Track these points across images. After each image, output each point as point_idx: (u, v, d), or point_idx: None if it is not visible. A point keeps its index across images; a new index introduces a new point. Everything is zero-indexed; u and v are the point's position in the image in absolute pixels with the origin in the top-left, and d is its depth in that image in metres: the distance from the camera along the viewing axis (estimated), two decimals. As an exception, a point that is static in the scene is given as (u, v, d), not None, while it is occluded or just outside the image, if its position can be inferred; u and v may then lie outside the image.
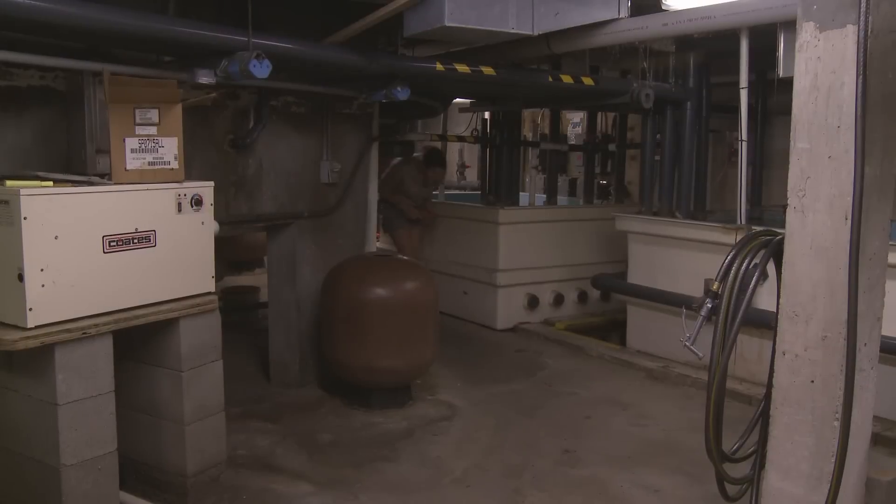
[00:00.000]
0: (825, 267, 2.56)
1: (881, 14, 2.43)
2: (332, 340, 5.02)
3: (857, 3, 2.25)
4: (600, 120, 8.90)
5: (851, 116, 2.42)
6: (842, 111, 2.50)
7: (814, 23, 2.57)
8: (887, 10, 2.45)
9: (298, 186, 5.25)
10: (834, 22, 2.50)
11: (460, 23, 4.36)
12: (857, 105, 2.37)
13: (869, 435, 2.79)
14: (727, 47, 5.51)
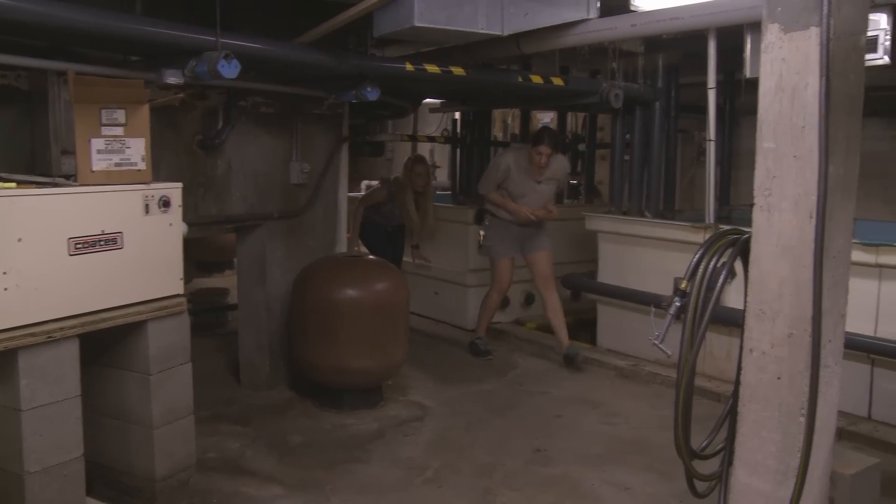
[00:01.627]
0: (791, 265, 2.59)
1: (842, 17, 2.47)
2: (303, 342, 4.99)
3: (820, 5, 2.28)
4: (570, 120, 8.94)
5: (816, 117, 2.45)
6: (806, 111, 2.52)
7: (778, 24, 2.60)
8: (848, 13, 2.49)
9: (268, 187, 5.22)
10: (798, 24, 2.52)
11: (430, 23, 4.36)
12: (820, 106, 2.41)
13: (834, 430, 2.83)
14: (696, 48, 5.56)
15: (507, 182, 6.14)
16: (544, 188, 6.18)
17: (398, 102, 6.15)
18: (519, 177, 6.10)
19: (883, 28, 4.41)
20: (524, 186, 6.10)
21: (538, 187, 6.15)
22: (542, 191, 6.18)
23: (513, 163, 6.11)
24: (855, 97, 2.63)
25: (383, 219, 6.93)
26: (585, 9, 5.14)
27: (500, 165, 6.19)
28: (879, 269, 4.69)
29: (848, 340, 2.98)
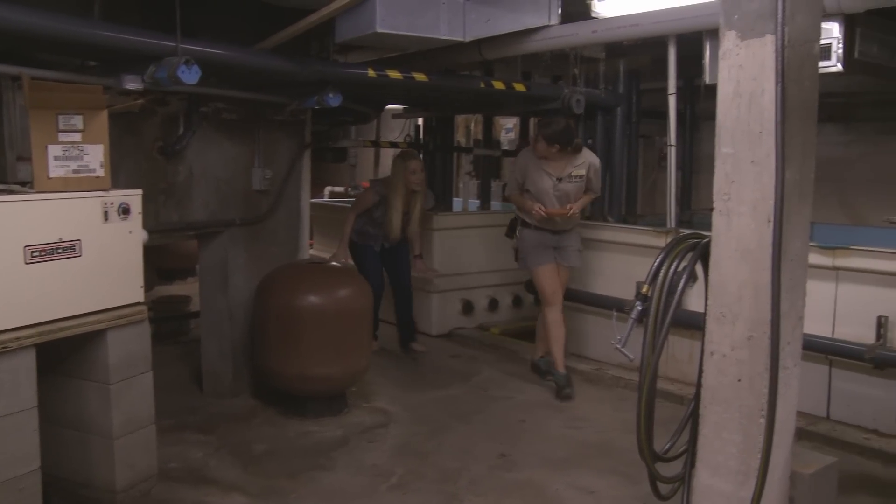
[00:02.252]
0: (750, 268, 2.62)
1: (797, 25, 2.51)
2: (266, 349, 4.96)
3: (775, 14, 2.32)
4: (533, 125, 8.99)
5: (772, 122, 2.49)
6: (763, 117, 2.57)
7: (735, 32, 2.64)
8: (802, 21, 2.54)
9: (230, 194, 5.18)
10: (754, 31, 2.57)
11: (392, 29, 4.37)
12: (777, 111, 2.44)
13: (793, 430, 2.87)
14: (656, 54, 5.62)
15: (526, 181, 5.60)
16: (567, 187, 5.53)
17: (361, 108, 6.15)
18: (536, 175, 5.54)
19: (836, 37, 4.49)
20: (543, 184, 5.52)
21: (560, 186, 5.52)
22: (565, 190, 5.53)
23: (530, 158, 5.61)
24: (810, 103, 2.68)
25: (377, 228, 6.31)
26: (547, 15, 5.18)
27: (517, 164, 5.75)
28: (836, 272, 4.77)
29: (806, 342, 3.03)
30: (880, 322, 4.52)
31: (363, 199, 6.37)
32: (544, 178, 5.52)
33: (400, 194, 6.14)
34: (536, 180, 5.54)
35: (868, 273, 4.63)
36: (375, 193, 6.24)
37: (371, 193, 6.28)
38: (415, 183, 6.15)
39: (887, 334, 4.50)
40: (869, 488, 4.09)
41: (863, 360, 4.54)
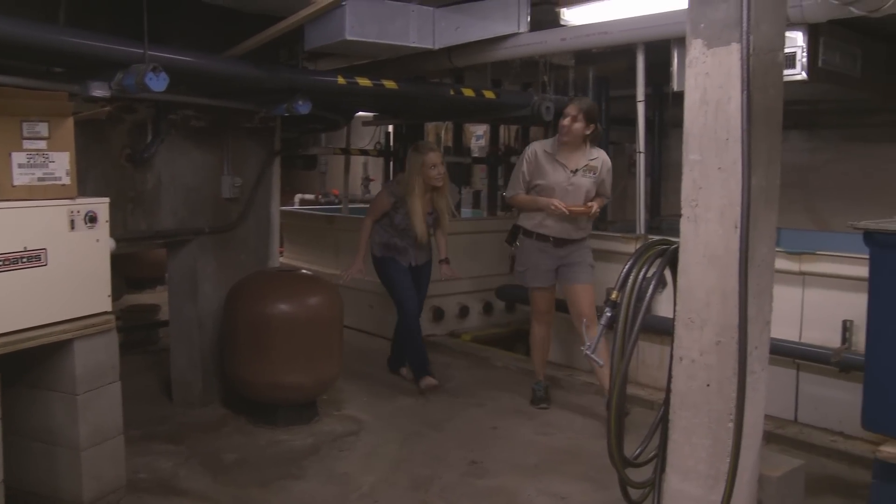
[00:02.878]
0: (717, 274, 2.65)
1: (761, 34, 2.55)
2: (236, 357, 4.92)
3: (740, 23, 2.35)
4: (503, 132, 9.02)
5: (739, 129, 2.52)
6: (730, 124, 2.60)
7: (702, 40, 2.67)
8: (766, 30, 2.58)
9: (199, 202, 5.14)
10: (720, 40, 2.60)
11: (361, 37, 4.37)
12: (742, 119, 2.48)
13: (761, 434, 2.90)
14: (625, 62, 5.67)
15: (535, 176, 5.10)
16: (582, 181, 5.07)
17: (330, 116, 6.12)
18: (548, 166, 5.07)
19: (800, 45, 4.57)
20: (556, 177, 5.05)
21: (574, 179, 5.06)
22: (578, 184, 5.07)
23: (539, 149, 5.13)
24: (775, 110, 2.72)
25: (404, 238, 5.69)
26: (516, 23, 5.20)
27: (524, 156, 5.19)
28: (803, 277, 4.83)
29: (774, 346, 3.06)
30: (846, 326, 4.58)
31: (377, 203, 5.81)
32: (558, 170, 5.06)
33: (419, 195, 5.53)
34: (549, 172, 5.07)
35: (834, 278, 4.69)
36: (389, 195, 5.69)
37: (385, 196, 5.75)
38: (435, 178, 5.54)
39: (852, 338, 4.56)
40: (835, 490, 4.14)
41: (829, 364, 4.59)
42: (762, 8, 2.57)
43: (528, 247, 5.20)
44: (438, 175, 5.53)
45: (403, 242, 5.71)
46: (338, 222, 8.28)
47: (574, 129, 4.98)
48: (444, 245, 5.97)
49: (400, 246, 5.73)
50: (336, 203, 10.33)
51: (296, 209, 9.94)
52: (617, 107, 6.82)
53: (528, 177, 5.14)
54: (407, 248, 5.74)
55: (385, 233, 5.73)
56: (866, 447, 4.14)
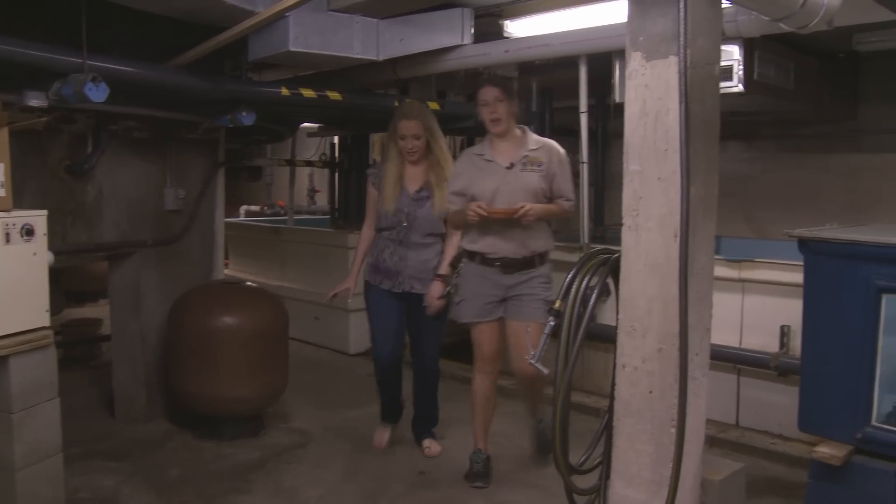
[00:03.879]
0: (658, 282, 2.69)
1: (698, 48, 2.61)
2: (180, 371, 4.85)
3: (677, 36, 2.40)
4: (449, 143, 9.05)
5: (677, 140, 2.56)
6: (668, 135, 2.65)
7: (641, 53, 2.72)
8: (703, 44, 2.64)
9: (141, 214, 5.07)
10: (658, 53, 2.65)
11: (305, 48, 4.37)
12: (681, 130, 2.52)
13: (703, 439, 2.95)
14: (568, 73, 5.74)
15: (470, 182, 4.16)
16: (523, 178, 4.08)
17: (275, 127, 6.09)
18: (483, 164, 4.16)
19: (737, 59, 4.69)
20: (491, 177, 4.11)
21: (512, 175, 4.09)
22: (518, 182, 4.08)
23: (468, 154, 4.33)
24: (712, 122, 2.78)
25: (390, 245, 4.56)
26: (460, 35, 5.24)
27: (455, 169, 4.34)
28: (742, 284, 4.94)
29: (715, 352, 3.12)
30: (783, 331, 4.70)
31: (367, 200, 4.71)
32: (490, 171, 4.13)
33: (393, 160, 4.53)
34: (485, 170, 4.14)
35: (771, 284, 4.80)
36: (373, 180, 4.64)
37: (369, 185, 4.67)
38: (407, 151, 4.46)
39: (790, 342, 4.68)
40: (775, 490, 4.24)
41: (768, 368, 4.71)
42: (699, 22, 2.63)
43: (468, 272, 4.25)
44: (412, 149, 4.44)
45: (394, 258, 4.52)
46: (283, 234, 8.23)
47: (501, 111, 4.08)
48: (449, 252, 4.50)
49: (388, 264, 4.54)
50: (282, 214, 10.25)
51: (241, 221, 9.84)
52: (560, 117, 6.90)
53: (463, 183, 4.19)
54: (398, 265, 4.51)
55: (377, 247, 4.62)
56: (804, 448, 4.24)
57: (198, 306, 4.87)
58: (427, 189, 4.50)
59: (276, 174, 11.50)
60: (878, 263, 3.08)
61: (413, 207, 4.49)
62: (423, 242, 4.52)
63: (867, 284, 3.10)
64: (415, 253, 4.51)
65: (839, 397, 3.20)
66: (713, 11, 2.74)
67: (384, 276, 4.56)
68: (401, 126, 4.43)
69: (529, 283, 4.14)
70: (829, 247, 3.23)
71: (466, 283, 4.26)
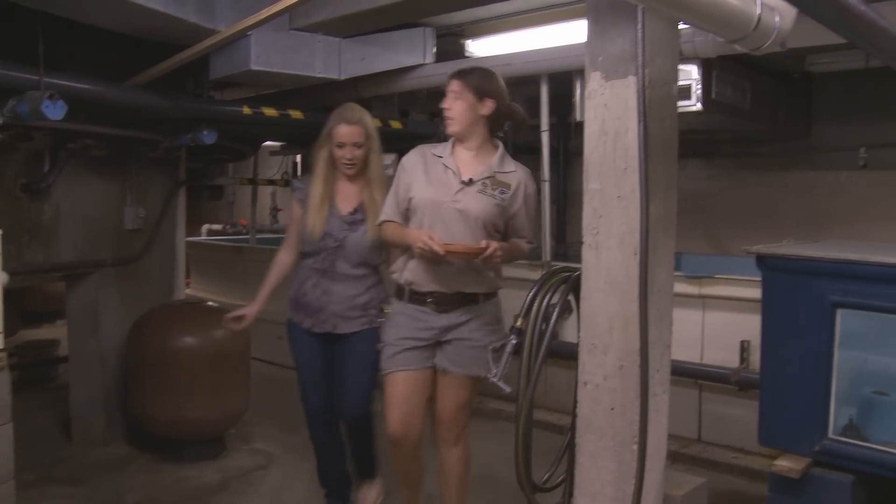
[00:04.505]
0: (619, 300, 2.72)
1: (656, 67, 2.65)
2: (140, 393, 4.78)
3: (636, 56, 2.44)
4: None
5: (636, 159, 2.59)
6: (628, 154, 2.68)
7: (600, 72, 2.76)
8: (661, 64, 2.68)
9: (100, 233, 5.01)
10: (617, 73, 2.69)
11: (266, 67, 4.37)
12: (640, 149, 2.55)
13: (665, 454, 2.97)
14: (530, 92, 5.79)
15: (414, 196, 3.28)
16: (478, 200, 3.22)
17: (237, 146, 6.06)
18: (431, 171, 3.29)
19: (695, 78, 4.77)
20: (440, 188, 3.24)
21: (465, 195, 3.22)
22: (470, 204, 3.21)
23: (425, 151, 3.38)
24: (670, 140, 2.82)
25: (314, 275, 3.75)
26: (422, 54, 5.26)
27: (400, 169, 3.42)
28: (703, 300, 5.00)
29: (677, 368, 3.16)
30: (743, 346, 4.76)
31: (291, 216, 3.92)
32: (443, 178, 3.26)
33: (321, 174, 3.73)
34: (427, 181, 3.27)
35: (731, 300, 4.87)
36: (298, 196, 3.82)
37: (294, 202, 3.87)
38: (343, 162, 3.69)
39: (750, 357, 4.74)
40: (737, 505, 4.29)
41: (729, 383, 4.75)
42: (657, 43, 2.67)
43: (394, 311, 3.43)
44: (352, 160, 3.67)
45: (316, 291, 3.73)
46: (245, 253, 8.16)
47: (456, 109, 3.27)
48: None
49: (310, 298, 3.75)
50: (244, 233, 10.19)
51: (202, 240, 9.75)
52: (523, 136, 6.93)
53: (402, 191, 3.34)
54: (320, 300, 3.72)
55: (299, 278, 3.85)
56: (765, 462, 4.29)
57: (158, 326, 4.81)
58: (361, 211, 3.70)
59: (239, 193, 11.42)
60: (832, 279, 3.15)
61: (343, 232, 3.67)
62: (351, 274, 3.69)
63: (822, 299, 3.16)
64: (341, 286, 3.68)
65: (797, 411, 3.25)
66: (671, 32, 2.79)
67: (305, 313, 3.77)
68: (339, 132, 3.67)
69: (469, 326, 3.31)
70: (785, 263, 3.29)
71: (391, 325, 3.43)
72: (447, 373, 3.37)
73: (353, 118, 3.71)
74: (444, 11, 4.84)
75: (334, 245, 3.67)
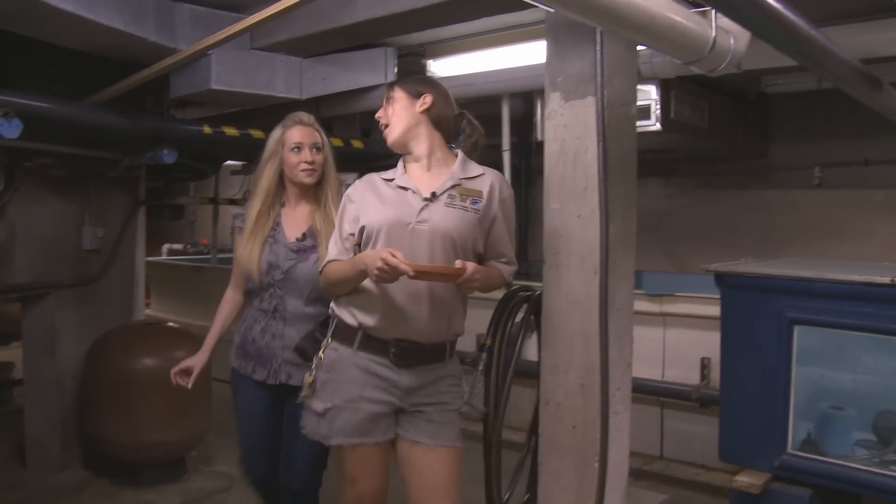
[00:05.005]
0: (580, 319, 2.74)
1: (615, 88, 2.69)
2: (98, 416, 4.69)
3: (594, 77, 2.47)
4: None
5: (596, 178, 2.63)
6: (587, 174, 2.71)
7: (560, 93, 2.79)
8: (619, 85, 2.72)
9: (58, 253, 4.92)
10: (576, 93, 2.73)
11: (227, 86, 4.35)
12: (599, 168, 2.59)
13: (626, 472, 2.99)
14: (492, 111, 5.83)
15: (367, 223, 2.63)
16: (447, 216, 2.59)
17: (197, 165, 6.02)
18: (390, 191, 2.68)
19: (654, 98, 4.84)
20: (402, 213, 2.61)
21: (429, 211, 2.60)
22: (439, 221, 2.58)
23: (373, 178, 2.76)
24: (630, 160, 2.86)
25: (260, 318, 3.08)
26: (383, 74, 5.26)
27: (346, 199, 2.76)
28: (664, 318, 5.04)
29: (638, 386, 3.19)
30: (704, 363, 4.81)
31: (234, 249, 3.20)
32: (405, 197, 2.64)
33: (262, 194, 3.09)
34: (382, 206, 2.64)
35: (691, 318, 4.91)
36: (241, 222, 3.16)
37: (236, 233, 3.19)
38: (300, 171, 3.03)
39: (710, 374, 4.78)
40: (699, 522, 4.31)
41: (690, 400, 4.80)
42: (615, 64, 2.72)
43: (341, 361, 2.65)
44: (312, 165, 3.04)
45: (265, 336, 3.05)
46: (206, 273, 8.08)
47: (390, 112, 2.79)
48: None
49: (259, 345, 3.07)
50: (205, 253, 10.09)
51: (163, 260, 9.65)
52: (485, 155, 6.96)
53: (348, 225, 2.69)
54: (271, 345, 3.04)
55: (245, 321, 3.19)
56: (726, 478, 4.30)
57: (117, 348, 4.74)
58: (312, 236, 3.06)
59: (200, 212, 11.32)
60: (789, 296, 3.20)
61: (289, 261, 3.02)
62: (305, 313, 3.01)
63: (780, 316, 3.21)
64: (294, 329, 2.99)
65: (757, 427, 3.29)
66: (629, 53, 2.83)
67: (256, 362, 3.08)
68: (293, 134, 3.06)
69: (437, 387, 2.67)
70: (743, 280, 3.34)
71: (338, 379, 2.64)
72: (418, 445, 2.65)
73: (308, 119, 3.16)
74: (405, 32, 4.85)
75: (280, 278, 3.00)
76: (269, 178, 3.07)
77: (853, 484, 3.09)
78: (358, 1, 3.99)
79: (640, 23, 2.06)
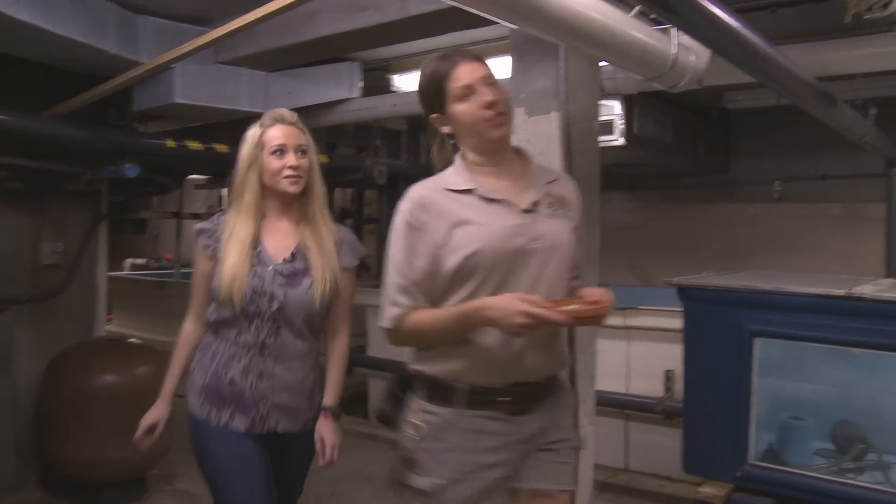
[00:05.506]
0: (544, 332, 2.75)
1: (578, 104, 2.72)
2: (56, 435, 4.60)
3: (558, 93, 2.50)
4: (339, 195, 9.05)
5: (559, 193, 2.64)
6: (551, 189, 2.72)
7: (524, 108, 2.81)
8: (582, 101, 2.75)
9: (14, 269, 4.84)
10: (540, 108, 2.75)
11: (191, 100, 4.32)
12: (563, 183, 2.60)
13: (591, 485, 3.00)
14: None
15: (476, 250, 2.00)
16: (562, 227, 2.15)
17: (161, 179, 5.96)
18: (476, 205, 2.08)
19: (618, 113, 4.89)
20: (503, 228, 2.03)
21: (538, 225, 2.09)
22: (559, 235, 2.12)
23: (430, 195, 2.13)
24: (593, 174, 2.89)
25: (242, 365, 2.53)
26: (348, 88, 5.26)
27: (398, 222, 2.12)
28: (628, 331, 5.07)
29: (603, 399, 3.20)
30: (668, 375, 4.84)
31: (194, 274, 2.67)
32: (499, 211, 2.07)
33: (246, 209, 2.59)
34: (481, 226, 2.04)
35: (655, 331, 4.95)
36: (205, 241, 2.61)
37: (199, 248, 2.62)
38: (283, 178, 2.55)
39: (674, 386, 4.82)
40: (664, 534, 4.33)
41: (654, 413, 4.83)
42: (578, 80, 2.74)
43: (445, 426, 2.10)
44: (297, 171, 2.57)
45: (249, 376, 2.53)
46: (169, 288, 8.01)
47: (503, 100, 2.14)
48: (338, 367, 2.69)
49: (240, 387, 2.54)
50: (168, 268, 10.00)
51: (125, 274, 9.55)
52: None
53: (425, 261, 2.06)
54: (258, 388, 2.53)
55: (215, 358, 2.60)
56: (690, 489, 4.34)
57: (77, 364, 4.66)
58: (302, 257, 2.60)
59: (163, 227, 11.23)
60: (750, 309, 3.24)
61: (281, 288, 2.54)
62: (296, 349, 2.58)
63: (741, 329, 3.25)
64: (285, 367, 2.56)
65: (719, 438, 3.32)
66: (591, 70, 2.87)
67: (236, 408, 2.55)
68: (274, 134, 2.58)
69: (559, 421, 2.21)
70: (705, 294, 3.38)
71: (444, 448, 2.09)
72: (542, 495, 2.14)
73: (290, 117, 2.64)
74: (370, 47, 4.87)
75: (275, 308, 2.51)
76: (253, 189, 2.58)
77: (813, 493, 3.13)
78: (323, 16, 3.99)
79: (602, 40, 2.09)
